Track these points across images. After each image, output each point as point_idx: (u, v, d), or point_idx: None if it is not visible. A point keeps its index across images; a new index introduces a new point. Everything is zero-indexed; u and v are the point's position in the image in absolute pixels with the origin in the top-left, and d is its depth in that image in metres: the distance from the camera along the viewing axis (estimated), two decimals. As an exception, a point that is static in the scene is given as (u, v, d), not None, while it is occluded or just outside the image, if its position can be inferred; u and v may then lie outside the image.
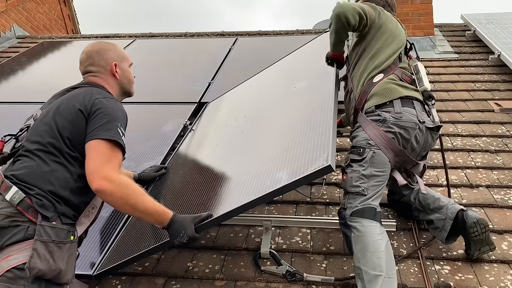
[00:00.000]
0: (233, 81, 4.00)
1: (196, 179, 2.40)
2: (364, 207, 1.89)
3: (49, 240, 1.56)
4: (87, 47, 2.02)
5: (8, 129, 3.37)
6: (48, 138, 1.71)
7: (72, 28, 7.85)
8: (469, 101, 3.66)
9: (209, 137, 2.89)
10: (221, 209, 1.89)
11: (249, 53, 4.73)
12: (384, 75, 2.14)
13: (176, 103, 3.66)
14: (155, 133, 3.12)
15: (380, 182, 1.96)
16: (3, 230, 1.55)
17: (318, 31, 5.65)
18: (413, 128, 2.01)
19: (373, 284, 1.72)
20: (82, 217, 1.74)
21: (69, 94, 1.86)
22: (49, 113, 1.79)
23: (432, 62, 4.47)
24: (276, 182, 1.82)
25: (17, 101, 3.98)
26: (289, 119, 2.34)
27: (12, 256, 1.53)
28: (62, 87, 4.37)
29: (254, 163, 2.13)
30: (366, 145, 1.99)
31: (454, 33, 5.28)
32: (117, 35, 6.08)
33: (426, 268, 2.00)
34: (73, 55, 5.31)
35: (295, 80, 2.83)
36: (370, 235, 1.82)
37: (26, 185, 1.63)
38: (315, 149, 1.86)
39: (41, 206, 1.60)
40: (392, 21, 2.30)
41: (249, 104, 3.00)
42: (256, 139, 2.40)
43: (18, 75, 4.65)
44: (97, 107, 1.74)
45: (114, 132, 1.71)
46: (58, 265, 1.56)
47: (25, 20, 6.53)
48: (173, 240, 1.76)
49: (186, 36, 5.78)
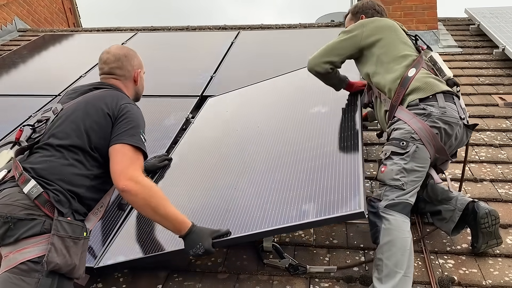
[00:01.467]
0: (235, 75, 3.99)
1: (205, 184, 2.34)
2: (401, 202, 1.85)
3: (66, 235, 1.58)
4: (113, 49, 2.07)
5: (11, 121, 3.41)
6: (74, 137, 1.76)
7: (73, 21, 7.82)
8: (473, 95, 3.64)
9: (218, 140, 2.80)
10: (240, 228, 1.85)
11: (252, 47, 4.71)
12: (416, 70, 2.10)
13: (178, 96, 3.65)
14: (157, 126, 3.10)
15: (419, 178, 1.92)
16: (19, 222, 1.56)
17: (320, 25, 5.61)
18: (456, 124, 1.97)
19: (390, 279, 1.70)
20: (91, 214, 1.78)
21: (95, 95, 1.89)
22: (75, 111, 1.82)
23: (436, 56, 4.44)
24: (303, 214, 1.79)
25: (18, 94, 3.98)
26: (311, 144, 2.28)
27: (27, 249, 1.54)
28: (63, 79, 4.40)
29: (276, 183, 2.08)
30: (410, 138, 1.93)
31: (458, 27, 5.25)
32: (118, 28, 6.05)
33: (430, 262, 1.99)
34: (74, 48, 5.31)
35: (313, 100, 2.75)
36: (400, 230, 1.79)
37: (45, 180, 1.64)
38: (344, 186, 1.86)
39: (57, 202, 1.62)
40: (381, 21, 2.31)
41: (261, 114, 2.90)
42: (274, 155, 2.33)
43: (19, 68, 4.64)
44: (123, 112, 1.82)
45: (137, 138, 1.79)
46: (73, 260, 1.59)
47: (26, 13, 6.51)
48: (188, 250, 1.78)
49: (188, 30, 5.76)
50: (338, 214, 1.73)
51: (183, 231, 1.77)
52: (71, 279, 1.64)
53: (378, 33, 2.24)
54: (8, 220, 1.55)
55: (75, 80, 4.15)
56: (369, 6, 2.49)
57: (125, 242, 2.07)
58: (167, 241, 1.95)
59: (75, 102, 1.89)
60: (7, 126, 3.33)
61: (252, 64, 4.24)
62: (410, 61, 2.12)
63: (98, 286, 1.99)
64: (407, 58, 2.14)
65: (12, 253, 1.55)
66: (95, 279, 2.01)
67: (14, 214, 1.56)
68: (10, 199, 1.60)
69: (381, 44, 2.21)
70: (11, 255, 1.55)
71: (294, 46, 4.68)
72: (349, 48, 2.30)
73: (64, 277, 1.59)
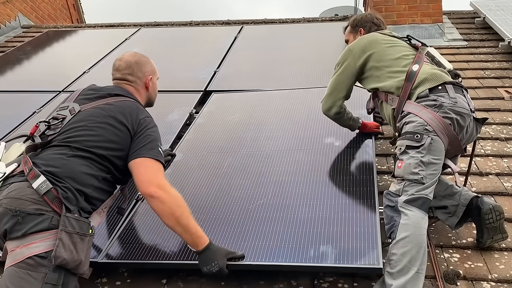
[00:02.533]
0: (238, 70, 3.99)
1: (217, 192, 2.33)
2: (421, 197, 1.82)
3: (73, 231, 1.60)
4: (126, 57, 2.14)
5: (15, 117, 3.42)
6: (91, 142, 1.80)
7: (77, 17, 7.82)
8: (478, 88, 3.61)
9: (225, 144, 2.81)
10: (255, 256, 1.86)
11: (255, 41, 4.70)
12: (419, 65, 2.09)
13: (182, 91, 3.64)
14: (160, 122, 3.06)
15: (437, 171, 1.88)
16: (28, 216, 1.57)
17: (324, 19, 5.58)
18: (468, 115, 1.94)
19: (403, 275, 1.68)
20: (95, 213, 1.82)
21: (116, 106, 1.93)
22: (95, 117, 1.86)
23: (441, 49, 4.39)
24: (321, 257, 1.80)
25: (22, 90, 3.98)
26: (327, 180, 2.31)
27: (34, 244, 1.56)
28: (67, 75, 4.39)
29: (292, 212, 2.08)
30: (423, 131, 1.89)
31: (463, 20, 5.21)
32: (122, 24, 6.05)
33: (435, 256, 1.98)
34: (78, 44, 5.31)
35: (326, 128, 2.77)
36: (418, 227, 1.76)
37: (54, 177, 1.66)
38: (362, 234, 1.88)
39: (65, 198, 1.64)
40: (363, 39, 2.33)
41: (272, 130, 2.89)
42: (287, 180, 2.34)
43: (23, 64, 4.64)
44: (142, 127, 1.89)
45: (156, 151, 1.86)
46: (79, 256, 1.61)
47: (29, 9, 6.51)
48: (203, 266, 1.79)
49: (191, 25, 5.75)
50: (355, 265, 1.75)
51: (200, 247, 1.79)
52: (75, 274, 1.65)
53: (367, 50, 2.27)
54: (17, 214, 1.57)
55: (78, 76, 4.15)
56: (367, 19, 2.51)
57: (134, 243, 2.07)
58: (176, 251, 1.96)
59: (94, 106, 1.92)
60: (12, 122, 3.34)
61: (256, 59, 4.23)
62: (409, 60, 2.14)
63: (102, 280, 2.00)
64: (405, 58, 2.15)
65: (19, 248, 1.56)
66: (99, 274, 2.02)
67: (23, 208, 1.57)
68: (19, 193, 1.61)
69: (374, 57, 2.24)
70: (18, 250, 1.56)
71: (298, 40, 4.66)
72: (349, 77, 2.34)
73: (70, 272, 1.61)
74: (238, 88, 3.60)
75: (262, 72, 3.90)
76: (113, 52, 4.68)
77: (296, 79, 3.69)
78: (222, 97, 3.48)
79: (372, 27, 2.47)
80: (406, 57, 2.16)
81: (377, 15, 2.53)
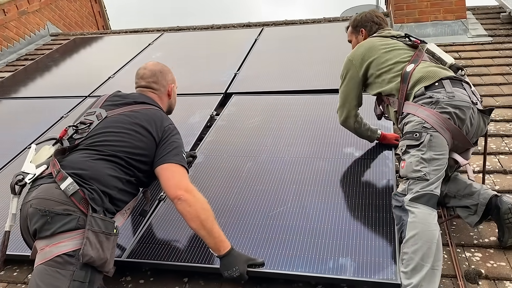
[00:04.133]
0: (258, 72, 4.02)
1: (239, 196, 2.37)
2: (426, 193, 1.81)
3: (99, 231, 1.67)
4: (150, 66, 2.26)
5: (43, 123, 3.55)
6: (117, 147, 1.88)
7: (102, 24, 8.02)
8: (503, 85, 3.52)
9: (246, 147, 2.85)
10: (275, 264, 1.90)
11: (275, 43, 4.72)
12: (415, 64, 2.09)
13: (203, 94, 3.70)
14: (182, 124, 3.16)
15: (441, 166, 1.87)
16: (56, 216, 1.64)
17: (345, 18, 5.55)
18: (468, 108, 1.92)
19: (416, 273, 1.68)
20: (119, 214, 1.88)
21: (142, 114, 2.01)
22: (121, 124, 1.95)
23: (464, 46, 4.33)
24: (340, 269, 1.84)
25: (50, 96, 4.12)
26: (347, 191, 2.32)
27: (62, 243, 1.63)
28: (93, 81, 4.52)
29: (311, 222, 2.11)
30: (422, 129, 1.90)
31: (488, 16, 5.08)
32: (145, 30, 6.17)
33: (456, 255, 1.96)
34: (103, 50, 5.46)
35: (346, 137, 2.78)
36: (426, 223, 1.75)
37: (81, 179, 1.73)
38: (381, 248, 1.92)
39: (92, 199, 1.70)
40: (360, 47, 2.34)
41: (292, 137, 2.91)
42: (308, 190, 2.36)
43: (52, 71, 4.81)
44: (166, 134, 1.98)
45: (180, 157, 1.95)
46: (105, 254, 1.67)
47: (58, 18, 6.73)
48: (224, 271, 1.84)
49: (212, 29, 5.82)
50: (374, 280, 1.78)
51: (222, 252, 1.84)
52: (101, 272, 1.72)
53: (366, 58, 2.29)
54: (46, 214, 1.64)
55: (104, 81, 4.27)
56: (367, 19, 2.50)
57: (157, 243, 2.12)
58: (196, 253, 2.01)
59: (120, 113, 2.01)
60: (40, 127, 3.47)
61: (276, 60, 4.25)
62: (406, 62, 2.14)
63: (127, 279, 2.07)
64: (402, 61, 2.16)
65: (48, 247, 1.63)
66: (123, 272, 2.09)
67: (52, 209, 1.65)
68: (48, 194, 1.68)
69: (373, 65, 2.26)
70: (47, 248, 1.63)
71: (319, 40, 4.66)
72: (356, 86, 2.37)
73: (96, 270, 1.68)
74: (258, 90, 3.64)
75: (281, 74, 3.93)
76: (137, 57, 4.79)
77: (317, 80, 3.69)
78: (243, 100, 3.52)
79: (373, 26, 2.47)
80: (403, 59, 2.17)
81: (378, 14, 2.51)
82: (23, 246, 2.03)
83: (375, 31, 2.45)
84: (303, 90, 3.54)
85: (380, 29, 2.45)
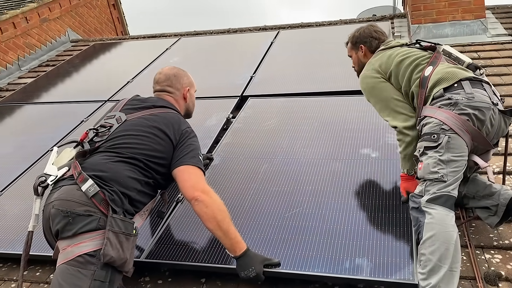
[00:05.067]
0: (274, 75, 4.03)
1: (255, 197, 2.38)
2: (443, 194, 1.79)
3: (119, 231, 1.70)
4: (164, 70, 2.33)
5: (64, 127, 3.62)
6: (136, 149, 1.92)
7: (121, 30, 8.17)
8: (524, 85, 3.46)
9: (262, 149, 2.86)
10: (291, 264, 1.92)
11: (291, 46, 4.73)
12: (433, 67, 2.06)
13: (219, 97, 3.73)
14: (199, 127, 3.18)
15: (459, 168, 1.85)
16: (78, 217, 1.68)
17: (362, 20, 5.53)
18: (487, 109, 1.89)
19: (434, 274, 1.67)
20: (138, 215, 1.91)
21: (160, 117, 2.06)
22: (140, 127, 1.99)
23: (484, 46, 4.26)
24: (356, 269, 1.84)
25: (71, 100, 4.22)
26: (362, 192, 2.32)
27: (84, 243, 1.67)
28: (112, 85, 4.59)
29: (327, 223, 2.12)
30: (440, 130, 1.87)
31: (508, 15, 4.99)
32: (163, 35, 6.26)
33: (475, 257, 1.93)
34: (122, 55, 5.55)
35: (363, 139, 2.78)
36: (443, 224, 1.74)
37: (101, 181, 1.77)
38: (397, 249, 1.92)
39: (112, 201, 1.74)
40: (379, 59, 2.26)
41: (308, 138, 2.91)
42: (324, 190, 2.36)
43: (72, 76, 4.92)
44: (184, 137, 2.03)
45: (197, 159, 1.99)
46: (125, 254, 1.70)
47: (78, 24, 6.88)
48: (240, 271, 1.86)
49: (229, 32, 5.86)
50: (390, 280, 1.77)
51: (238, 252, 1.86)
52: (121, 272, 1.75)
53: (384, 69, 2.20)
54: (68, 215, 1.68)
55: (123, 85, 4.35)
56: (366, 34, 2.42)
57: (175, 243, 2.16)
58: (213, 253, 2.04)
59: (139, 116, 2.06)
60: (61, 132, 3.55)
61: (291, 63, 4.27)
62: (424, 65, 2.09)
63: (145, 279, 2.10)
64: (418, 67, 2.10)
65: (70, 247, 1.67)
66: (142, 272, 2.12)
67: (73, 210, 1.69)
68: (69, 196, 1.73)
69: (393, 76, 2.17)
70: (69, 248, 1.67)
71: (335, 42, 4.64)
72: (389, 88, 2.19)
73: (116, 270, 1.71)
74: (273, 92, 3.66)
75: (297, 76, 3.94)
76: (155, 62, 4.87)
77: (334, 82, 3.69)
78: (258, 102, 3.55)
79: (373, 41, 2.39)
80: (417, 66, 2.11)
81: (376, 28, 2.44)
82: (45, 247, 2.10)
83: (376, 46, 2.38)
84: (319, 92, 3.54)
85: (381, 43, 2.38)
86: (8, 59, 5.51)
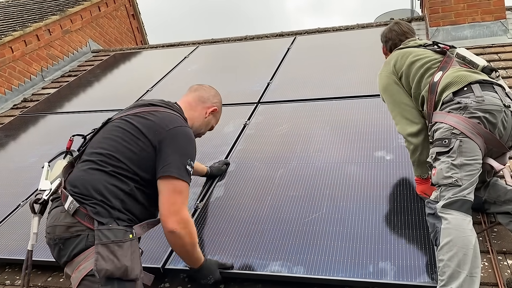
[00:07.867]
0: (291, 81, 4.05)
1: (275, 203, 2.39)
2: (458, 199, 1.77)
3: (108, 241, 1.61)
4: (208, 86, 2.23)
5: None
6: (112, 154, 1.75)
7: (141, 39, 8.31)
8: (547, 86, 3.38)
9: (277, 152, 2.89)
10: (314, 269, 1.93)
11: (308, 51, 4.74)
12: (443, 72, 2.05)
13: (237, 104, 3.76)
14: (216, 134, 3.22)
15: (474, 172, 1.82)
16: (67, 241, 1.65)
17: (379, 24, 5.50)
18: (499, 111, 1.86)
19: (453, 280, 1.64)
20: (137, 226, 1.75)
21: (144, 116, 1.85)
22: (120, 128, 1.83)
23: (504, 47, 4.19)
24: (380, 273, 1.85)
25: (92, 110, 4.32)
26: (379, 195, 2.32)
27: (81, 266, 1.62)
28: (131, 94, 4.67)
29: (348, 227, 2.12)
30: (451, 135, 1.86)
31: (530, 15, 4.90)
32: (181, 43, 6.34)
33: (497, 263, 1.90)
34: (141, 64, 5.65)
35: (377, 142, 2.78)
36: (460, 229, 1.71)
37: (81, 195, 1.68)
38: (419, 252, 1.92)
39: (96, 214, 1.64)
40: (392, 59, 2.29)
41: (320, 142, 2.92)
42: (341, 194, 2.37)
43: (94, 86, 5.03)
44: (169, 138, 1.78)
45: (182, 170, 1.77)
46: (122, 262, 1.60)
47: (98, 35, 7.04)
48: (201, 279, 1.96)
49: (246, 40, 5.90)
50: (416, 283, 1.78)
51: (197, 266, 1.92)
52: (132, 281, 1.65)
53: (397, 68, 2.25)
54: (57, 242, 1.66)
55: (142, 94, 4.43)
56: (383, 35, 2.55)
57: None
58: (231, 260, 2.07)
59: (124, 116, 1.88)
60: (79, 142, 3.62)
61: (308, 69, 4.27)
62: (434, 70, 2.09)
63: (165, 285, 2.13)
64: (428, 70, 2.11)
65: (74, 273, 1.65)
66: (162, 279, 2.15)
67: (61, 235, 1.65)
68: (56, 221, 1.69)
69: (404, 77, 2.21)
70: (73, 275, 1.65)
71: (352, 47, 4.65)
72: (401, 90, 2.24)
73: (123, 280, 1.62)
74: (290, 99, 3.67)
75: (314, 82, 3.94)
76: (173, 70, 4.94)
77: (350, 87, 3.67)
78: (269, 108, 3.56)
79: (388, 42, 2.50)
80: (428, 70, 2.12)
81: (393, 27, 2.47)
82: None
83: (391, 46, 2.46)
84: (334, 97, 3.53)
85: (397, 42, 2.43)
86: (32, 70, 5.68)
